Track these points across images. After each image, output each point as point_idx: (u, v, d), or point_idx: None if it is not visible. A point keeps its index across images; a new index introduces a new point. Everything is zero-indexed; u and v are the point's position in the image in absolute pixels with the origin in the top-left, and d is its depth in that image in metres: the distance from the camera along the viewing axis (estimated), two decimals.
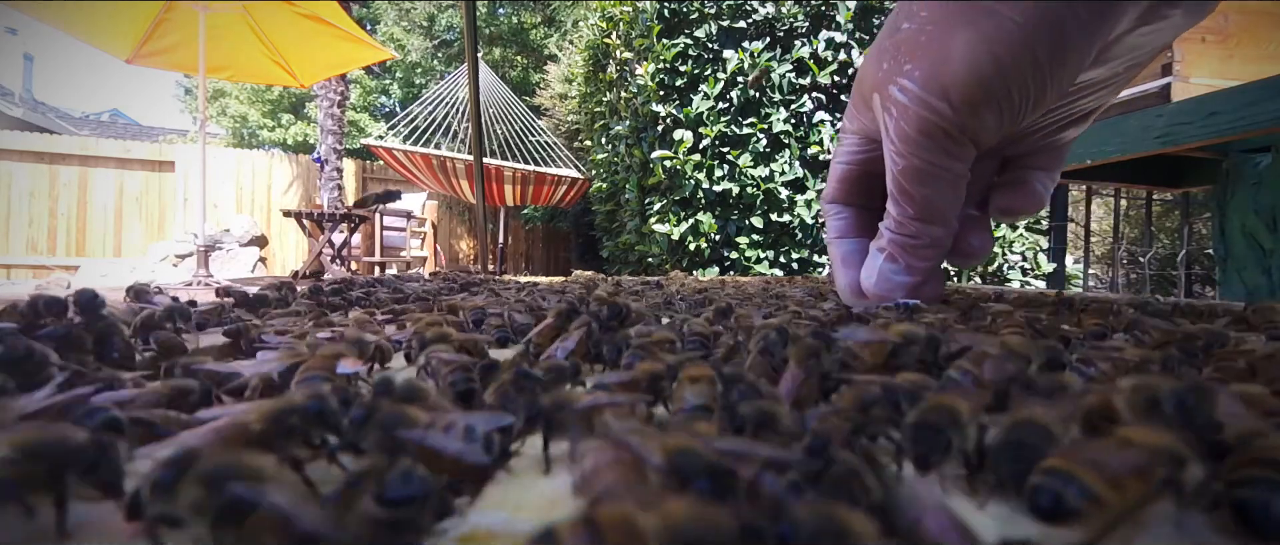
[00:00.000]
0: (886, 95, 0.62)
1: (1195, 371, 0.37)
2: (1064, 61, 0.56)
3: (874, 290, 0.69)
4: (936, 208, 0.64)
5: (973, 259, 0.72)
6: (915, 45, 0.60)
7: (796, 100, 3.78)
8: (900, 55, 0.61)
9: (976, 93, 0.57)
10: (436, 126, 7.32)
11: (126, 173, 7.91)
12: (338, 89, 7.78)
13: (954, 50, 0.56)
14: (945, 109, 0.58)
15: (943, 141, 0.59)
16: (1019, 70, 0.56)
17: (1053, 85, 0.58)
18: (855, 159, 0.78)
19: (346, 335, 0.47)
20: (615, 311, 0.53)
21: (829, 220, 0.84)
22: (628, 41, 4.35)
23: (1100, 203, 4.03)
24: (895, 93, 0.61)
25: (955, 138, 0.59)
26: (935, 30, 0.58)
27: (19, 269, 7.38)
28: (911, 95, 0.59)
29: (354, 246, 6.04)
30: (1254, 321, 0.60)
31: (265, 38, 4.63)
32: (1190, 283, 2.99)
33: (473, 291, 1.11)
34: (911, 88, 0.59)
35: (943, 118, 0.58)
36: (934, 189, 0.63)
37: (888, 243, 0.68)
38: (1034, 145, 0.71)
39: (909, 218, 0.65)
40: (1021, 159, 0.73)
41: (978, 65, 0.56)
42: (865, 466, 0.19)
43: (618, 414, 0.27)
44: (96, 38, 4.26)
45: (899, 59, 0.61)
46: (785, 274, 3.68)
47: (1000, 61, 0.55)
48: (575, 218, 8.15)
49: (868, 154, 0.76)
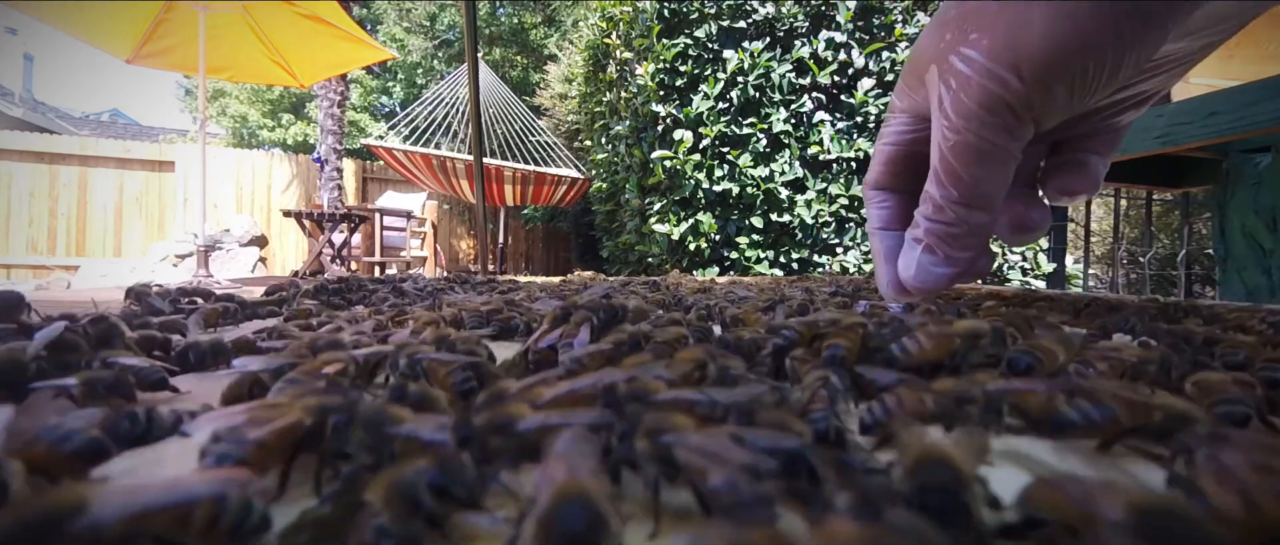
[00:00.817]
0: (946, 66, 0.59)
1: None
2: (1146, 34, 0.54)
3: (914, 284, 0.67)
4: (984, 190, 0.61)
5: (1032, 233, 0.68)
6: (984, 14, 0.57)
7: (796, 100, 3.78)
8: (966, 25, 0.58)
9: (1053, 65, 0.54)
10: (437, 126, 7.32)
11: (126, 173, 7.91)
12: (338, 89, 7.78)
13: (1032, 19, 0.53)
14: (1014, 82, 0.55)
15: (1005, 117, 0.57)
16: (1100, 42, 0.53)
17: (1130, 60, 0.56)
18: (903, 139, 0.75)
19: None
20: (612, 313, 0.53)
21: (871, 208, 0.79)
22: (628, 41, 4.35)
23: (1100, 203, 4.02)
24: (957, 63, 0.58)
25: (1018, 114, 0.56)
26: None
27: (19, 269, 7.39)
28: (976, 66, 0.56)
29: (354, 246, 6.04)
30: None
31: (265, 38, 4.63)
32: (1190, 283, 2.99)
33: (479, 291, 1.11)
34: (977, 58, 0.56)
35: (1009, 91, 0.55)
36: (986, 169, 0.59)
37: (924, 233, 0.64)
38: (1092, 127, 0.69)
39: (952, 202, 0.62)
40: (1076, 141, 0.71)
41: (1058, 35, 0.53)
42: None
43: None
44: (96, 38, 4.26)
45: (965, 29, 0.58)
46: (785, 274, 3.68)
47: (1084, 31, 0.52)
48: (575, 218, 8.15)
49: (917, 134, 0.74)
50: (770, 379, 0.39)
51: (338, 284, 0.96)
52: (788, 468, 0.22)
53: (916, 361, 0.39)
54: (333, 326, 0.54)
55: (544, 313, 0.58)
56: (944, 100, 0.60)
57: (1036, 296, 1.01)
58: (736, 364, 0.37)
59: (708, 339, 0.50)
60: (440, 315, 0.63)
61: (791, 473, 0.22)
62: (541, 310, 0.65)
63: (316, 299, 0.82)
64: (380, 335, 0.52)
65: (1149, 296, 0.86)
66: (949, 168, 0.61)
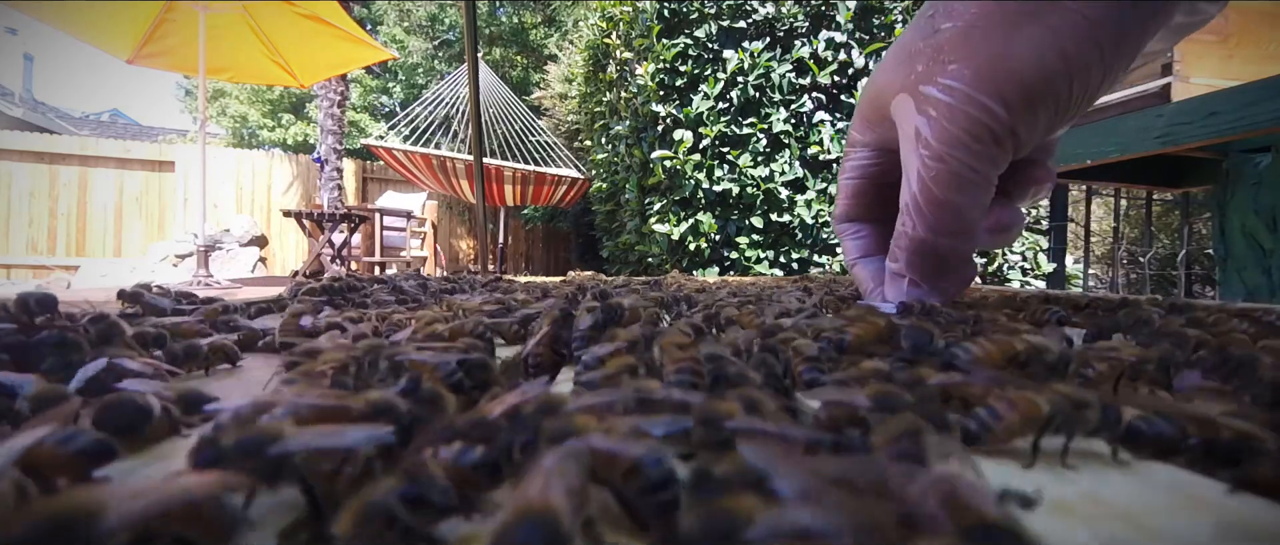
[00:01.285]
0: (922, 98, 0.60)
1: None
2: (1121, 57, 0.56)
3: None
4: (966, 218, 0.61)
5: (1009, 232, 0.70)
6: (964, 43, 0.58)
7: (796, 100, 3.78)
8: (942, 55, 0.59)
9: (1038, 90, 0.55)
10: (437, 126, 7.32)
11: (126, 173, 7.91)
12: (338, 89, 7.78)
13: (1017, 47, 0.55)
14: (998, 108, 0.56)
15: (987, 143, 0.58)
16: (1084, 66, 0.55)
17: (1107, 83, 0.57)
18: (869, 172, 0.75)
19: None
20: (611, 313, 0.53)
21: (847, 241, 0.80)
22: (628, 41, 4.35)
23: (1100, 203, 4.03)
24: (936, 93, 0.59)
25: (1001, 139, 0.58)
26: (990, 28, 0.56)
27: (19, 269, 7.39)
28: (959, 95, 0.58)
29: (354, 246, 6.04)
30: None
31: (265, 38, 4.63)
32: (1190, 283, 2.99)
33: (479, 291, 1.11)
34: (959, 87, 0.58)
35: (994, 118, 0.57)
36: (967, 197, 0.60)
37: (906, 267, 0.65)
38: (1044, 141, 0.70)
39: (934, 233, 0.61)
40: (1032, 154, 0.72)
41: (1044, 62, 0.55)
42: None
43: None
44: (96, 38, 4.26)
45: (941, 59, 0.59)
46: (785, 274, 3.68)
47: (1069, 57, 0.54)
48: (575, 218, 8.15)
49: (880, 166, 0.74)
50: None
51: (338, 283, 0.96)
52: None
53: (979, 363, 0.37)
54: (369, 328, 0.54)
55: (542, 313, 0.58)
56: (924, 130, 0.60)
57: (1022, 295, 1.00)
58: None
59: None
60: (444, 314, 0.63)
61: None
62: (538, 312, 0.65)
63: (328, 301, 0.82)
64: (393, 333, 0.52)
65: (1149, 296, 0.86)
66: (930, 198, 0.61)
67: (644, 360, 0.38)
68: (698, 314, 0.60)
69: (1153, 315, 0.58)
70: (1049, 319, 0.62)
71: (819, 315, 0.63)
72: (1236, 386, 0.36)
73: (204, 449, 0.22)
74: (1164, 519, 0.21)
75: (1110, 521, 0.21)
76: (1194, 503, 0.22)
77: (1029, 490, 0.19)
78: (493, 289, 1.10)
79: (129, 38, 4.33)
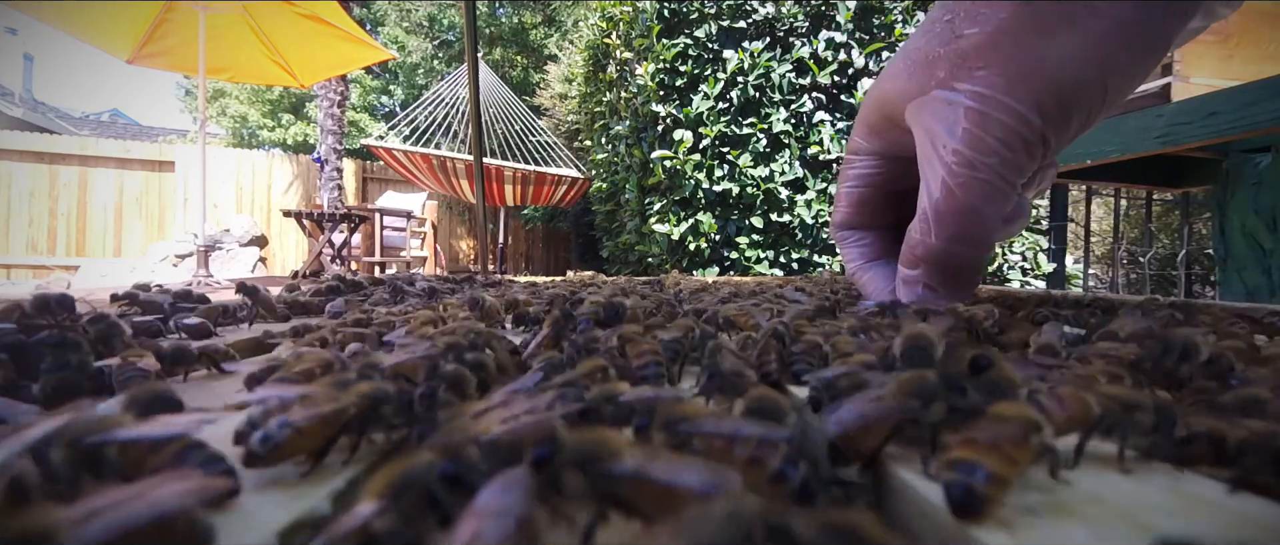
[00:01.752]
0: (947, 104, 0.58)
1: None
2: (1149, 60, 0.56)
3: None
4: (986, 226, 0.60)
5: (1016, 223, 0.68)
6: (991, 49, 0.56)
7: (796, 100, 3.78)
8: (968, 61, 0.57)
9: (1073, 96, 0.54)
10: (437, 126, 7.32)
11: (126, 173, 7.91)
12: (338, 89, 7.78)
13: (1052, 53, 0.54)
14: (1032, 115, 0.55)
15: (1019, 151, 0.57)
16: (1117, 69, 0.55)
17: (1133, 85, 0.57)
18: (873, 180, 0.75)
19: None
20: (613, 311, 0.53)
21: (848, 249, 0.79)
22: (628, 41, 4.35)
23: (1100, 203, 4.03)
24: (965, 100, 0.57)
25: (1032, 146, 0.57)
26: (1022, 33, 0.55)
27: (19, 269, 7.39)
28: (991, 102, 0.56)
29: (354, 246, 6.04)
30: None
31: (265, 38, 4.63)
32: (1190, 283, 2.99)
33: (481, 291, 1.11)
34: (990, 94, 0.56)
35: (1027, 125, 0.55)
36: (994, 205, 0.59)
37: (924, 274, 0.64)
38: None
39: (955, 240, 0.60)
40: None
41: (1080, 67, 0.54)
42: None
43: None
44: (96, 38, 4.26)
45: (966, 66, 0.57)
46: (785, 274, 3.68)
47: (1103, 62, 0.54)
48: (575, 218, 8.15)
49: (885, 173, 0.74)
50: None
51: (338, 283, 0.96)
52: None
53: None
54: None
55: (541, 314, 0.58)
56: (952, 138, 0.58)
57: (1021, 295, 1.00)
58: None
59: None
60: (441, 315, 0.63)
61: None
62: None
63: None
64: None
65: (1149, 296, 0.86)
66: (955, 206, 0.59)
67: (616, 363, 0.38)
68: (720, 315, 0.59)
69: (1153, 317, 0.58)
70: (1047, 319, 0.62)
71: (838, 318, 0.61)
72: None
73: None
74: (1164, 519, 0.21)
75: (1110, 521, 0.21)
76: (1194, 503, 0.22)
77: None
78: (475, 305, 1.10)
79: (129, 38, 4.33)
